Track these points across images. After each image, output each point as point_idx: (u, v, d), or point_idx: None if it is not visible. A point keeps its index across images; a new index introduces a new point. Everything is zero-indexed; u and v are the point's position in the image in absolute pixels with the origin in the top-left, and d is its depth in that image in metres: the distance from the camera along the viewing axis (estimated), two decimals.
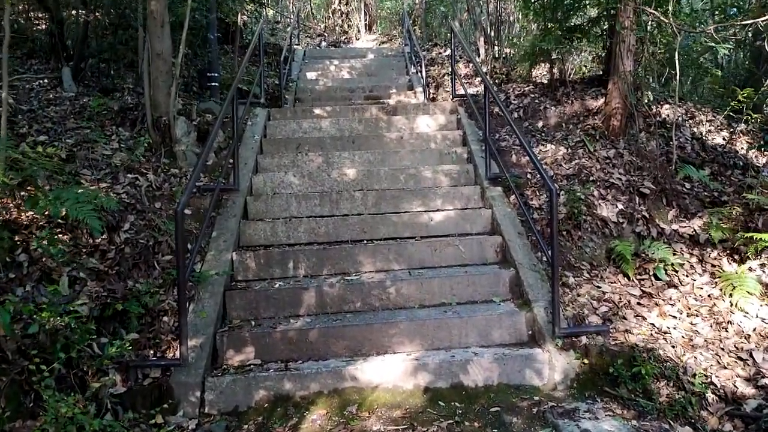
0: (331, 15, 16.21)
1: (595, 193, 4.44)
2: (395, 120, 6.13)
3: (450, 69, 9.56)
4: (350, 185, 5.11)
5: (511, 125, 4.25)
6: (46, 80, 6.74)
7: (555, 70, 6.06)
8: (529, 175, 4.88)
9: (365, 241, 4.45)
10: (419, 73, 9.58)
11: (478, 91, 7.61)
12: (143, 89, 4.99)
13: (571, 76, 6.09)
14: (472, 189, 4.96)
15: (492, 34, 9.37)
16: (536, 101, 5.79)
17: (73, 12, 7.43)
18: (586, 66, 6.49)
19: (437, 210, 4.85)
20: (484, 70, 9.00)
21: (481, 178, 5.05)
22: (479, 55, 9.31)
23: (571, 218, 4.25)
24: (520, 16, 9.58)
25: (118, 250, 3.74)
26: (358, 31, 15.91)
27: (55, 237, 3.48)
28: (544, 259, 4.06)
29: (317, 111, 6.40)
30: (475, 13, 9.32)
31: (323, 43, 15.14)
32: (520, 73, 9.40)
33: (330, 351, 3.53)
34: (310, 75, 9.83)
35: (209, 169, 5.09)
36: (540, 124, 5.51)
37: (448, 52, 11.08)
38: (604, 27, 5.67)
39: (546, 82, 6.39)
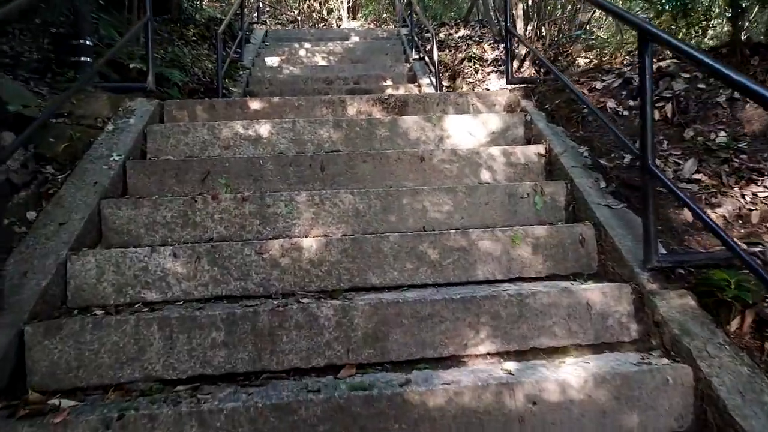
0: None
1: None
2: (406, 124, 3.15)
3: (467, 54, 6.72)
4: (312, 279, 2.13)
5: None
6: None
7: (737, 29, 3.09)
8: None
9: None
10: (424, 59, 6.68)
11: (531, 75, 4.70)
12: None
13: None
14: (609, 292, 2.01)
15: (531, 7, 6.53)
16: (700, 88, 2.84)
17: None
18: None
19: (532, 360, 1.91)
20: (523, 52, 6.14)
21: (624, 261, 2.11)
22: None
23: None
24: None
25: None
26: (339, 18, 13.00)
27: None
28: None
29: (255, 105, 3.36)
30: None
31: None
32: (572, 58, 6.62)
33: None
34: (271, 61, 6.86)
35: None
36: (722, 133, 2.58)
37: (462, 32, 8.22)
38: None
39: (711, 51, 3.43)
